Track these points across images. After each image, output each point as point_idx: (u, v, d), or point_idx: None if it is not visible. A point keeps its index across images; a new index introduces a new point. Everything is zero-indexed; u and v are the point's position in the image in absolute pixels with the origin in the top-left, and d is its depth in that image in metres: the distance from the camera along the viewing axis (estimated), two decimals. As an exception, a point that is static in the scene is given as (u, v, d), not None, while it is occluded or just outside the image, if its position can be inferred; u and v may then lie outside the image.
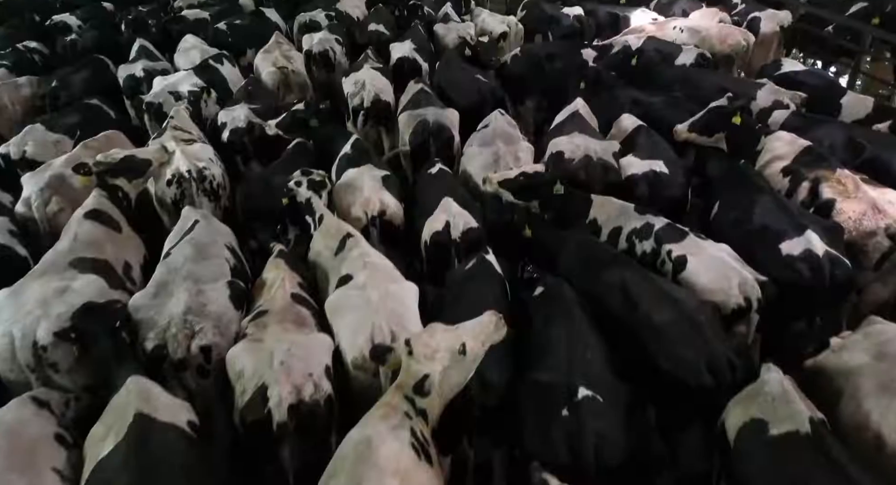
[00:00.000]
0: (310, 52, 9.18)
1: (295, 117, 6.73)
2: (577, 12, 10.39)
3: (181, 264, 4.14)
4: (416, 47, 8.91)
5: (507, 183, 5.30)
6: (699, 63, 8.29)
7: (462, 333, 3.29)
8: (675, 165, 5.84)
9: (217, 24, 9.81)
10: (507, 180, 5.30)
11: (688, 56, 8.37)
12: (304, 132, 6.76)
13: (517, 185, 5.30)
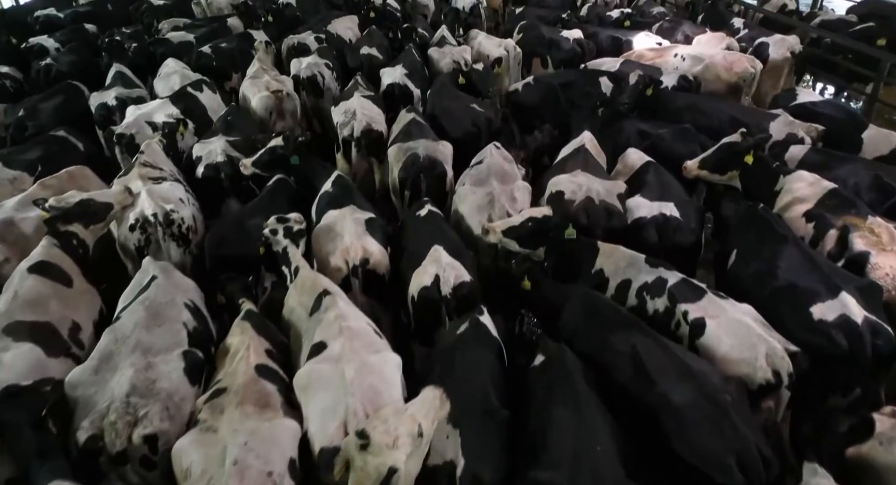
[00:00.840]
0: (297, 77, 8.76)
1: (274, 154, 6.15)
2: (577, 36, 9.98)
3: (130, 332, 3.62)
4: (407, 73, 8.49)
5: (512, 231, 4.78)
6: (682, 86, 7.94)
7: (415, 414, 2.86)
8: (687, 207, 5.34)
9: (201, 48, 9.37)
10: (512, 228, 4.76)
11: (670, 78, 8.01)
12: (284, 170, 6.25)
13: (525, 232, 4.79)
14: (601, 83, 7.86)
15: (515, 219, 4.80)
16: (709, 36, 9.04)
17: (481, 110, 7.38)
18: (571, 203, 5.45)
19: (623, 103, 7.30)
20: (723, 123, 6.89)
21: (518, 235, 4.76)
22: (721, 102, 7.27)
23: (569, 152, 6.30)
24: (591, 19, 11.44)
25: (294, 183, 6.21)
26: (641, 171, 5.97)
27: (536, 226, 4.78)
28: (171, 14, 11.85)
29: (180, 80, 7.98)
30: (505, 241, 4.74)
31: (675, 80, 8.07)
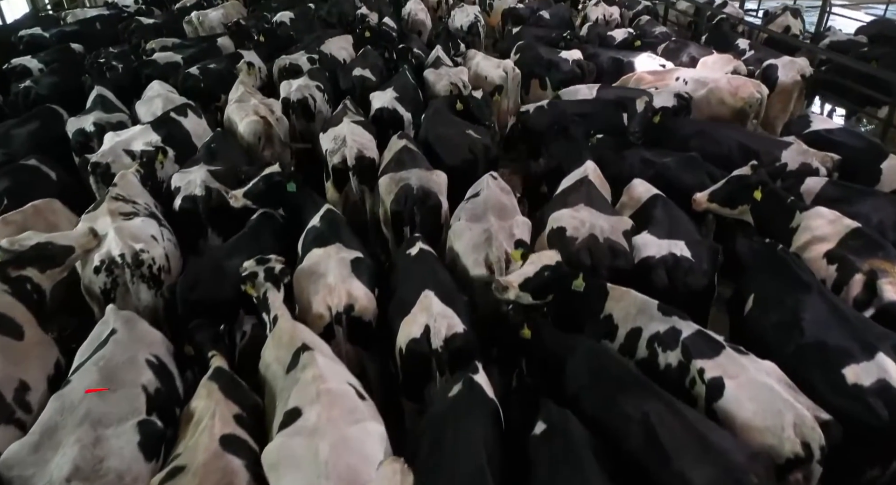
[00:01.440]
0: (287, 99, 8.43)
1: (271, 182, 5.74)
2: (577, 56, 9.68)
3: (79, 399, 3.22)
4: (398, 96, 8.14)
5: (528, 284, 4.32)
6: (680, 105, 7.64)
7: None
8: (698, 247, 4.95)
9: (189, 69, 9.04)
10: (528, 280, 4.30)
11: (662, 99, 7.65)
12: (277, 201, 5.85)
13: (542, 283, 4.35)
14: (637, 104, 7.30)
15: (529, 269, 4.33)
16: (715, 58, 8.72)
17: (478, 137, 7.02)
18: (574, 241, 5.07)
19: (634, 132, 6.93)
20: (732, 151, 6.56)
21: (535, 286, 4.33)
22: (730, 129, 6.92)
23: (571, 184, 5.93)
24: (591, 39, 11.16)
25: (282, 217, 5.83)
26: (648, 204, 5.60)
27: (553, 274, 4.37)
28: (161, 33, 11.56)
29: (163, 105, 7.63)
30: (522, 295, 4.29)
31: (669, 100, 7.76)
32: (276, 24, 12.43)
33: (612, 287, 4.50)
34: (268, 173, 5.79)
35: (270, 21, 12.55)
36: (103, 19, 11.96)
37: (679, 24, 12.62)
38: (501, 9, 14.21)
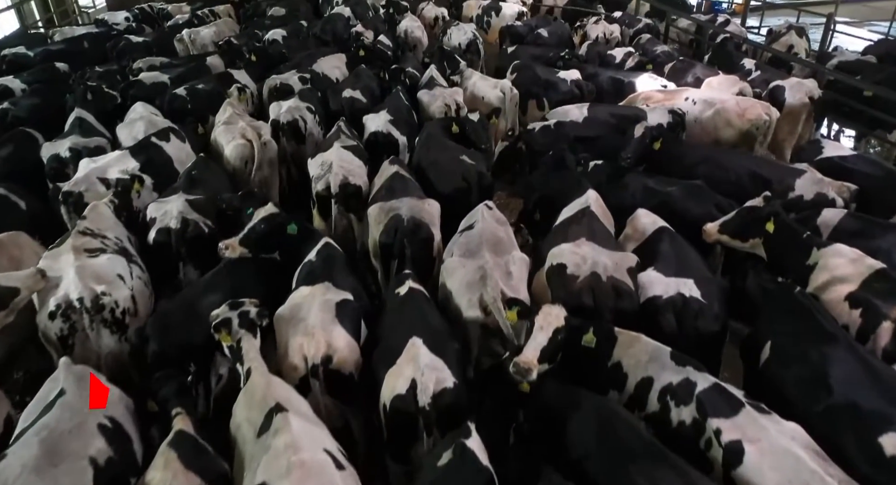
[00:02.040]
0: (277, 122, 8.11)
1: (272, 224, 5.18)
2: (575, 77, 9.38)
3: (15, 477, 2.83)
4: (392, 119, 7.84)
5: (546, 353, 3.86)
6: (676, 122, 7.39)
7: None
8: (709, 286, 4.59)
9: (176, 90, 8.73)
10: (545, 351, 3.85)
11: (656, 116, 7.37)
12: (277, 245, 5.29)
13: (557, 348, 3.94)
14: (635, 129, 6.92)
15: (541, 337, 3.84)
16: (720, 78, 8.41)
17: (472, 163, 6.67)
18: (574, 280, 4.71)
19: (626, 158, 6.61)
20: (741, 179, 6.22)
21: (551, 352, 3.90)
22: (739, 156, 6.59)
23: (571, 215, 5.58)
24: (591, 58, 10.88)
25: (280, 255, 5.36)
26: (654, 238, 5.25)
27: (566, 335, 3.97)
28: (151, 52, 11.27)
29: (145, 128, 7.30)
30: (541, 368, 3.85)
31: (664, 117, 7.46)
32: (268, 41, 12.15)
33: (620, 332, 4.13)
34: (266, 215, 5.18)
35: (262, 39, 12.30)
36: (91, 37, 11.66)
37: (680, 42, 12.35)
38: (499, 26, 13.98)
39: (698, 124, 7.46)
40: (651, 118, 7.64)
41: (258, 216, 5.21)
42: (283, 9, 14.37)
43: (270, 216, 5.21)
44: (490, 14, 14.72)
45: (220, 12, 14.14)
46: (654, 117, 7.65)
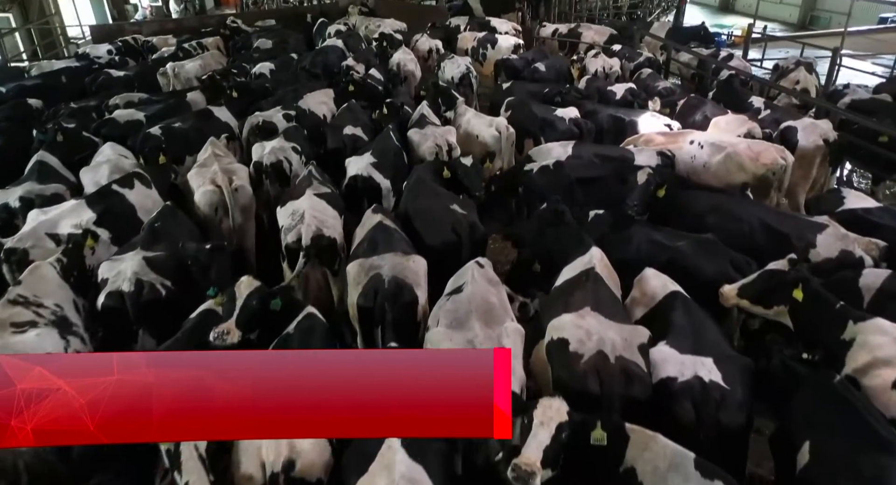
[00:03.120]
0: (260, 164, 7.60)
1: (264, 302, 4.57)
2: (573, 115, 8.90)
3: None
4: (375, 161, 7.33)
5: (549, 453, 3.29)
6: (665, 164, 7.03)
7: None
8: (730, 366, 4.00)
9: (150, 128, 8.22)
10: (548, 449, 3.28)
11: (645, 158, 6.96)
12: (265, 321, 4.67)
13: (561, 447, 3.35)
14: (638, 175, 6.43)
15: (543, 435, 3.27)
16: (728, 118, 7.92)
17: (463, 213, 6.13)
18: (578, 360, 4.11)
19: (633, 206, 6.07)
20: (755, 233, 5.67)
21: (554, 455, 3.32)
22: (753, 205, 6.04)
23: (574, 276, 4.98)
24: (590, 94, 10.44)
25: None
26: (666, 304, 4.66)
27: (570, 431, 3.38)
28: (132, 87, 10.83)
29: (109, 173, 6.77)
30: (545, 473, 3.25)
31: (651, 160, 7.03)
32: (255, 75, 11.75)
33: (633, 429, 3.51)
34: (252, 296, 4.56)
35: (250, 72, 11.88)
36: (70, 72, 11.22)
37: (682, 77, 11.94)
38: (495, 59, 13.61)
39: (708, 170, 6.94)
40: (638, 160, 7.21)
41: (244, 292, 4.57)
42: (272, 41, 14.02)
43: (255, 296, 4.57)
44: (485, 46, 14.39)
45: (209, 44, 13.76)
46: (641, 159, 7.20)
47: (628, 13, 22.78)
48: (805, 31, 22.83)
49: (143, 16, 19.92)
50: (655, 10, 23.07)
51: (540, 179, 7.03)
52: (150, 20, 17.66)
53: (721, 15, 28.04)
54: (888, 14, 19.42)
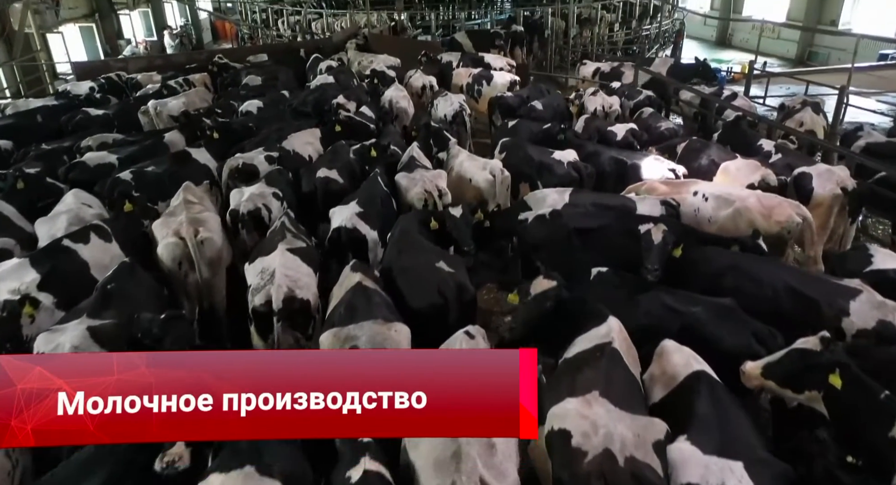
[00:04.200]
0: (236, 212, 7.06)
1: None
2: (572, 158, 8.39)
3: None
4: (361, 211, 6.78)
5: None
6: (668, 213, 6.51)
7: None
8: (765, 473, 3.37)
9: (120, 173, 7.69)
10: None
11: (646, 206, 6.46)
12: None
13: None
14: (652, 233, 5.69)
15: None
16: (738, 164, 7.38)
17: (451, 271, 5.53)
18: (581, 457, 3.47)
19: (653, 270, 5.46)
20: (779, 297, 5.08)
21: None
22: (774, 265, 5.44)
23: (587, 349, 4.30)
24: (589, 133, 9.97)
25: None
26: (689, 388, 4.03)
27: None
28: (111, 126, 10.37)
29: (67, 225, 6.20)
30: None
31: (654, 209, 6.54)
32: (241, 113, 11.30)
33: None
34: None
35: (237, 110, 11.44)
36: (46, 111, 10.73)
37: (684, 115, 11.50)
38: (490, 95, 13.22)
39: (713, 224, 6.39)
40: (640, 210, 6.68)
41: None
42: (261, 77, 13.63)
43: None
44: (481, 83, 14.02)
45: (195, 81, 13.35)
46: (643, 209, 6.67)
47: (623, 49, 22.71)
48: (803, 66, 22.66)
49: (132, 52, 19.66)
50: (653, 46, 22.99)
51: (536, 230, 6.48)
52: (136, 56, 17.35)
53: (718, 50, 27.97)
54: (888, 51, 19.17)
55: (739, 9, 28.63)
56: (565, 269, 5.78)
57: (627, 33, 22.98)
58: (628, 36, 22.99)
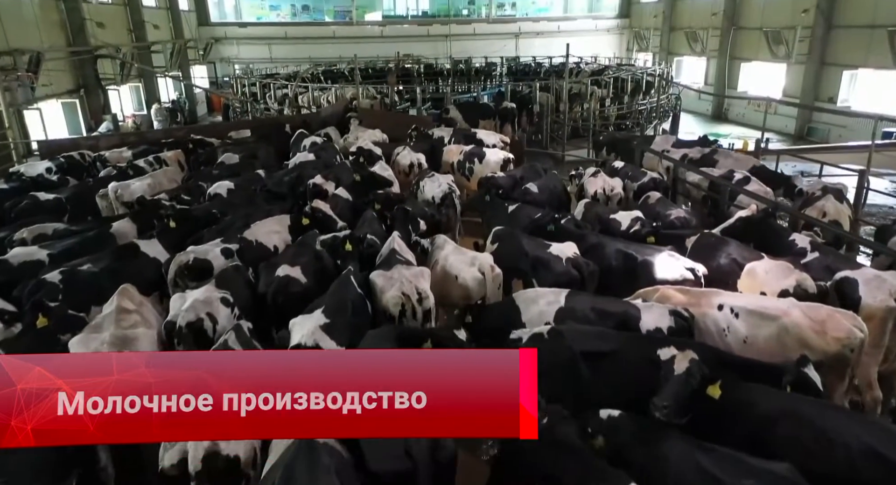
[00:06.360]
0: (172, 324, 5.91)
1: None
2: (572, 253, 7.32)
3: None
4: (327, 323, 5.66)
5: None
6: (679, 327, 5.50)
7: None
8: None
9: (48, 274, 6.58)
10: None
11: (653, 318, 5.49)
12: None
13: None
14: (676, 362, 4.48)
15: None
16: (767, 265, 6.27)
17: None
18: None
19: (663, 408, 4.28)
20: (855, 460, 3.84)
21: None
22: (844, 415, 4.23)
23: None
24: (589, 220, 8.99)
25: None
26: None
27: None
28: (63, 212, 9.39)
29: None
30: None
31: (663, 321, 5.54)
32: (210, 196, 10.33)
33: None
34: None
35: (206, 192, 10.48)
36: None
37: (692, 199, 10.55)
38: (482, 173, 12.37)
39: (752, 346, 5.22)
40: (645, 321, 5.61)
41: None
42: (239, 155, 12.78)
43: None
44: (472, 160, 13.23)
45: (168, 159, 12.46)
46: (648, 320, 5.60)
47: (616, 124, 22.32)
48: (803, 142, 22.21)
49: (108, 128, 19.00)
50: (652, 122, 22.63)
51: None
52: (108, 134, 16.62)
53: (715, 124, 27.75)
54: (892, 129, 18.64)
55: (734, 84, 28.62)
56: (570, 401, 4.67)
57: (620, 108, 22.69)
58: (620, 111, 22.68)
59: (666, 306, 5.76)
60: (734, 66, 28.49)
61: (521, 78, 28.30)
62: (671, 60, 33.04)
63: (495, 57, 34.60)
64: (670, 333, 5.50)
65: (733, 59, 28.38)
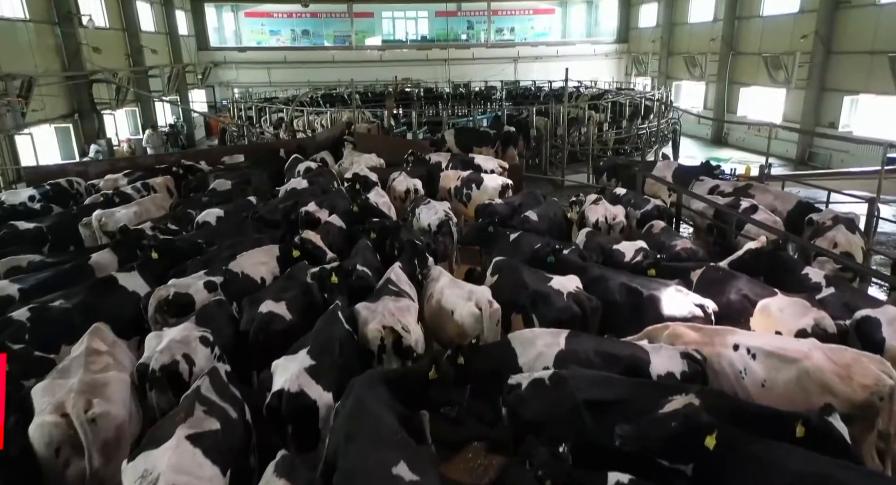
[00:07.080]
0: (145, 368, 5.49)
1: None
2: (574, 287, 6.90)
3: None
4: (313, 365, 5.29)
5: None
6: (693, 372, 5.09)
7: None
8: None
9: (15, 312, 6.18)
10: None
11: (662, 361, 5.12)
12: None
13: None
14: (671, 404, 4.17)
15: None
16: (781, 302, 5.89)
17: (415, 479, 3.88)
18: None
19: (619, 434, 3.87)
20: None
21: None
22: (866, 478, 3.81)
23: None
24: (591, 249, 8.60)
25: None
26: None
27: None
28: (44, 242, 9.00)
29: None
30: None
31: (675, 364, 5.13)
32: (198, 224, 9.97)
33: None
34: None
35: (193, 220, 10.11)
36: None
37: (696, 227, 10.19)
38: (480, 200, 12.04)
39: (770, 391, 4.81)
40: (655, 365, 5.20)
41: None
42: (231, 181, 12.45)
43: None
44: (470, 186, 12.88)
45: (157, 185, 12.13)
46: (658, 363, 5.20)
47: (614, 149, 22.10)
48: (804, 167, 21.95)
49: (97, 152, 18.74)
50: (653, 146, 22.42)
51: (533, 403, 4.87)
52: (96, 160, 16.34)
53: (714, 148, 27.56)
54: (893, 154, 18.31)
55: (734, 108, 28.52)
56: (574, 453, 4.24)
57: (618, 133, 22.50)
58: (619, 135, 22.49)
59: (677, 349, 5.36)
60: (733, 90, 28.42)
61: (521, 102, 28.21)
62: (670, 85, 33.03)
63: (495, 81, 34.62)
64: (683, 378, 5.10)
65: (732, 84, 28.32)
